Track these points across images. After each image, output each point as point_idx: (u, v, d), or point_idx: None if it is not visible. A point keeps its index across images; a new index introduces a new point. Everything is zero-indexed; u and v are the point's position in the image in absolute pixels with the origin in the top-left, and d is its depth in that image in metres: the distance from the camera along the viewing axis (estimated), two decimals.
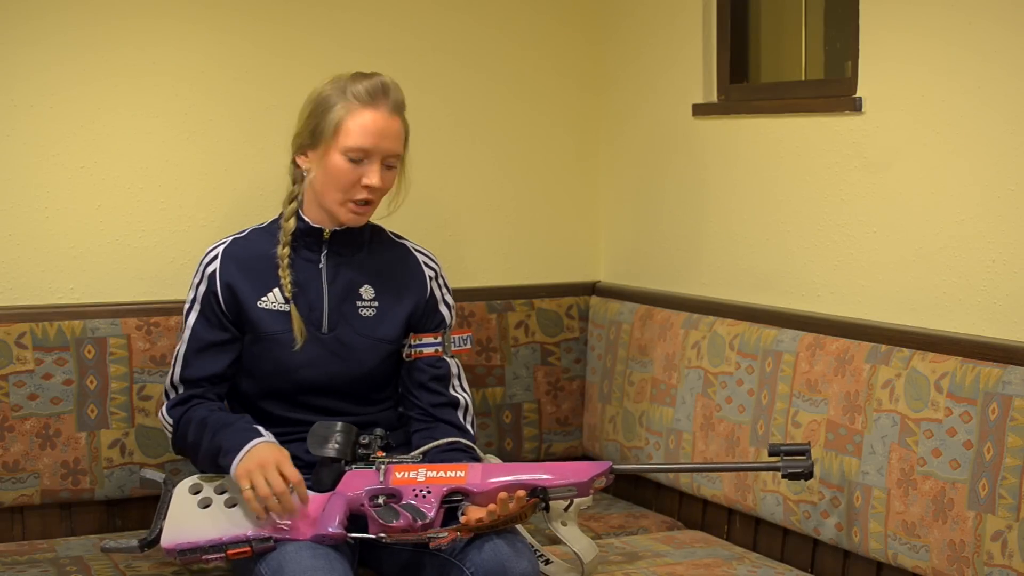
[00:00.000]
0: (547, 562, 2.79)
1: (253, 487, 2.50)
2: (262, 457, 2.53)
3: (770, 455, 2.61)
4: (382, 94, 2.68)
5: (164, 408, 2.77)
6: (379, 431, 2.63)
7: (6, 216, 3.13)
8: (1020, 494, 2.40)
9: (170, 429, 2.75)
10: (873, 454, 2.69)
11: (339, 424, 2.62)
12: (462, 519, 2.50)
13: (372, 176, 2.67)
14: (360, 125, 2.66)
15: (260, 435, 2.59)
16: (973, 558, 2.48)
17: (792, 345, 2.92)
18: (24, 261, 3.15)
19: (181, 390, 2.75)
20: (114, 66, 3.20)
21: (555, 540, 3.02)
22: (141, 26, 3.21)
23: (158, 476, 2.71)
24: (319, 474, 2.60)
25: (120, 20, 3.19)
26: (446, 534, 2.48)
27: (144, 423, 3.13)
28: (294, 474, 2.52)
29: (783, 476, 2.58)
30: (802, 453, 2.58)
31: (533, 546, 2.79)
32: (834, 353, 2.83)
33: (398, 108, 2.71)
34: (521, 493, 2.49)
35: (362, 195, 2.69)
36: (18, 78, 3.12)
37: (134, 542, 2.63)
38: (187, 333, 2.76)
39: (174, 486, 2.64)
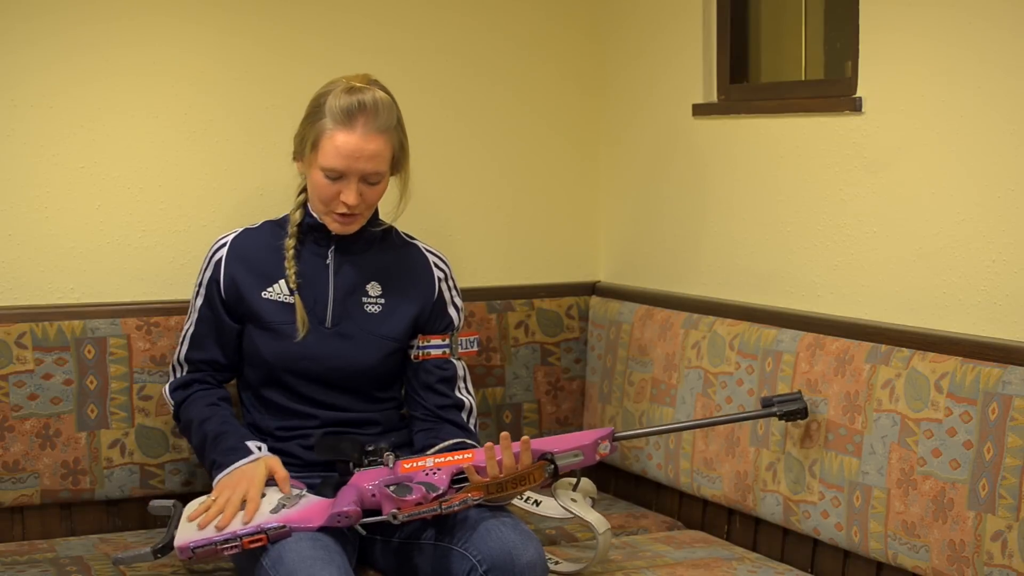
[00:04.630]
0: (556, 563, 2.78)
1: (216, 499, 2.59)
2: (237, 480, 2.62)
3: (763, 407, 2.77)
4: (360, 113, 2.66)
5: (168, 386, 2.89)
6: (384, 445, 2.63)
7: (6, 216, 3.13)
8: (1020, 494, 2.40)
9: (172, 407, 2.89)
10: (873, 454, 2.69)
11: (347, 437, 2.66)
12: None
13: (348, 195, 2.69)
14: (333, 147, 2.67)
15: (248, 454, 2.67)
16: (973, 558, 2.48)
17: (792, 345, 2.92)
18: (24, 261, 3.15)
19: (184, 370, 2.88)
20: (114, 66, 3.20)
21: (554, 541, 3.02)
22: (141, 26, 3.21)
23: (167, 503, 2.71)
24: (323, 490, 2.63)
25: (120, 20, 3.19)
26: (455, 496, 2.51)
27: (144, 423, 3.13)
28: (254, 499, 2.58)
29: (780, 418, 2.76)
30: (794, 399, 2.76)
31: None
32: (834, 353, 2.83)
33: (380, 128, 2.68)
34: (526, 438, 2.57)
35: (341, 209, 2.71)
36: (18, 78, 3.12)
37: (146, 550, 2.61)
38: (195, 316, 2.85)
39: (183, 507, 2.66)
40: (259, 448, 2.68)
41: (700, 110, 3.34)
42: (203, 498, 2.66)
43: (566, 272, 3.69)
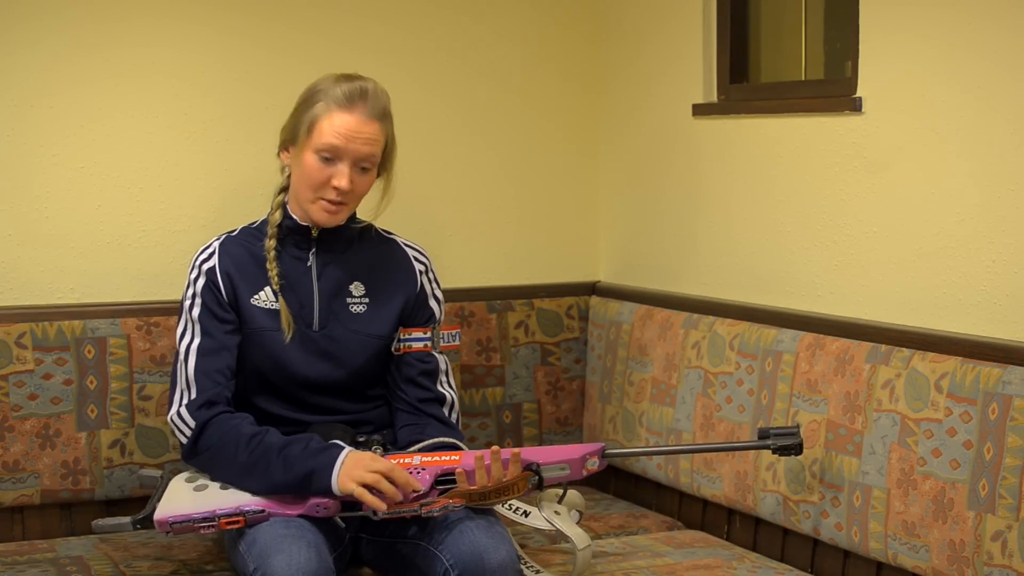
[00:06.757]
0: (537, 572, 2.78)
1: (362, 485, 2.52)
2: (356, 461, 2.55)
3: (760, 438, 2.71)
4: (360, 98, 2.68)
5: (180, 409, 2.66)
6: (377, 437, 2.66)
7: (6, 216, 3.14)
8: (1020, 494, 2.40)
9: (188, 432, 2.65)
10: (873, 454, 2.69)
11: (339, 426, 2.68)
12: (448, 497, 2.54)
13: (340, 177, 2.67)
14: (331, 125, 2.67)
15: (341, 448, 2.58)
16: (973, 558, 2.48)
17: (792, 345, 2.92)
18: (24, 261, 3.16)
19: (195, 390, 2.66)
20: (114, 66, 3.20)
21: (555, 540, 3.02)
22: (141, 26, 3.21)
23: (155, 473, 2.74)
24: None
25: (120, 20, 3.20)
26: (437, 501, 2.52)
27: (144, 423, 3.13)
28: (386, 464, 2.53)
29: (773, 452, 2.69)
30: (791, 434, 2.68)
31: (523, 557, 2.79)
32: (834, 353, 2.83)
33: (377, 114, 2.70)
34: (517, 450, 2.55)
35: (331, 195, 2.69)
36: (18, 78, 3.12)
37: (126, 519, 2.65)
38: (196, 327, 2.72)
39: (170, 479, 2.68)
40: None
41: (700, 110, 3.34)
42: (189, 472, 2.68)
43: (566, 272, 3.69)
